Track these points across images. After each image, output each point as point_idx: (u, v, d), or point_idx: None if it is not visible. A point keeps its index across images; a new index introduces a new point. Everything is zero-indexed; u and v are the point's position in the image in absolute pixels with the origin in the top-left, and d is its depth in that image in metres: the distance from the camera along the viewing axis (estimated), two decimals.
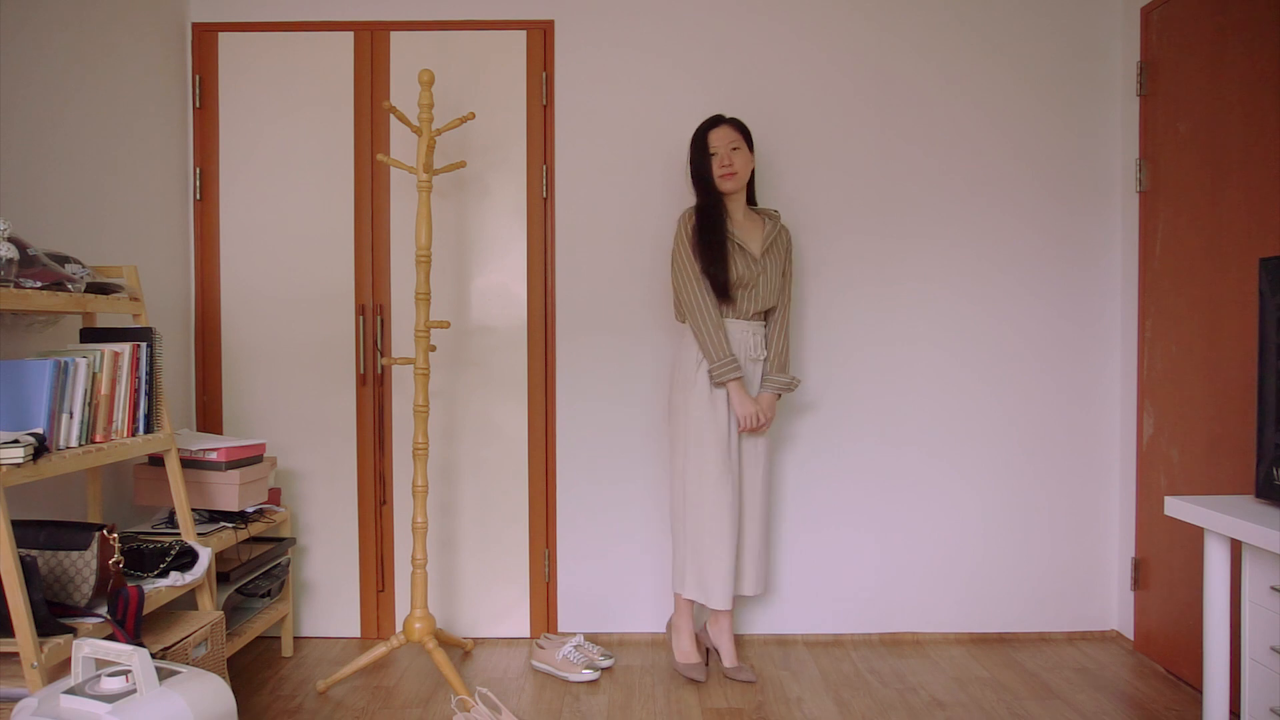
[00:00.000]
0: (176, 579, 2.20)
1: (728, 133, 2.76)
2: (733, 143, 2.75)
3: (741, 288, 2.73)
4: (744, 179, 2.78)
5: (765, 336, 2.82)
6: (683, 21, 3.11)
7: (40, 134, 2.38)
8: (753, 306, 2.76)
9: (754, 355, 2.77)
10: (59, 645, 1.80)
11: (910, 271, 3.13)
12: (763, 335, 2.80)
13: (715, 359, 2.68)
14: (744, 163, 2.76)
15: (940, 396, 3.15)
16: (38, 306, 1.96)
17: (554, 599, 3.16)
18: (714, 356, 2.68)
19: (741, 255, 2.73)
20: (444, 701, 2.62)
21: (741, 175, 2.76)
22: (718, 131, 2.76)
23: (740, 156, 2.75)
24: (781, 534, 3.15)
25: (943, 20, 3.11)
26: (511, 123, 3.11)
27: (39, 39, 2.38)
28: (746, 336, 2.77)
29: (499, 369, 3.13)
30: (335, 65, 3.11)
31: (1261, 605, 1.80)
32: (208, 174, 3.13)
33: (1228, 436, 2.56)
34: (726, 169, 2.73)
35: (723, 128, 2.77)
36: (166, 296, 2.99)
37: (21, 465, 1.79)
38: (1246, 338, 2.47)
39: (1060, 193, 3.14)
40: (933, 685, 2.75)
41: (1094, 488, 3.16)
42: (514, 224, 3.13)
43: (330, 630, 3.16)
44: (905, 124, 3.12)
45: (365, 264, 3.12)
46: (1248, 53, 2.51)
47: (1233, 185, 2.56)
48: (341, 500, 3.14)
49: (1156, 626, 2.93)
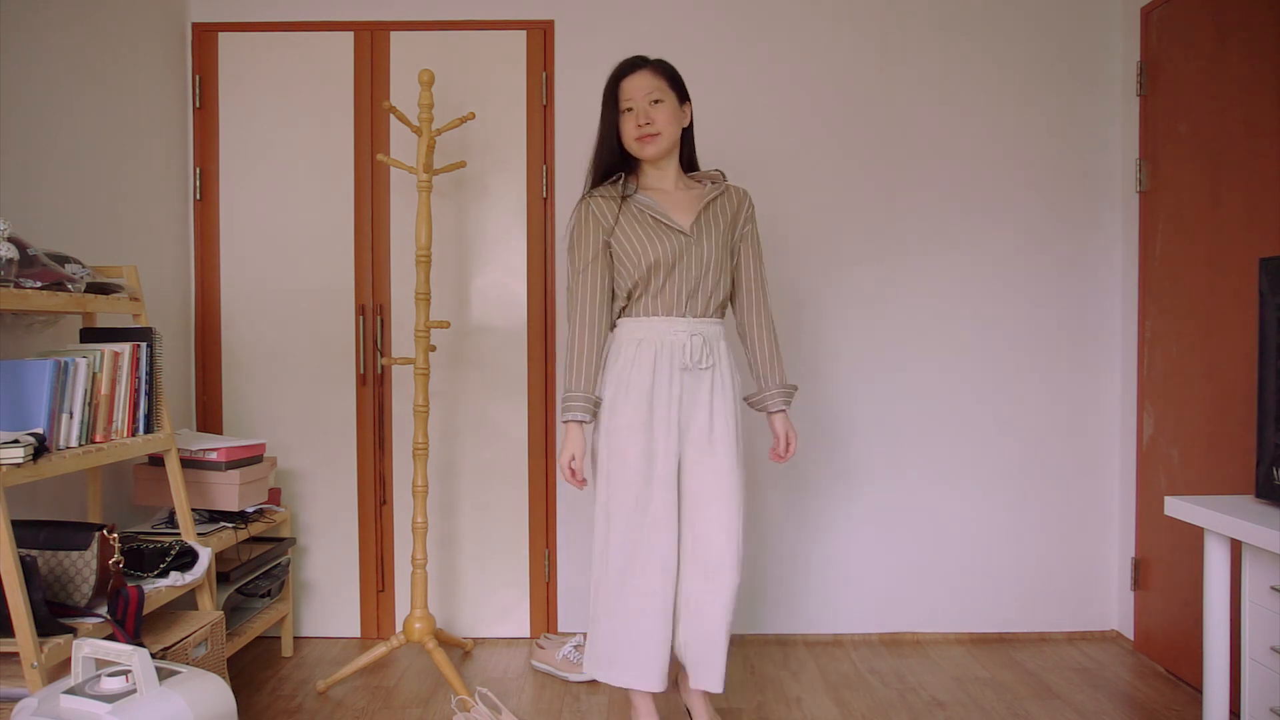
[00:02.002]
0: (176, 579, 2.20)
1: (646, 80, 2.11)
2: (652, 93, 2.10)
3: (667, 270, 2.11)
4: (669, 142, 2.15)
5: (746, 338, 2.28)
6: (683, 22, 3.11)
7: (40, 134, 2.38)
8: (685, 294, 2.13)
9: (689, 363, 2.12)
10: (59, 645, 1.80)
11: (910, 271, 3.13)
12: (707, 336, 2.16)
13: (569, 386, 2.12)
14: (668, 119, 2.12)
15: (939, 396, 3.14)
16: (38, 306, 1.96)
17: (554, 599, 3.16)
18: (569, 383, 2.12)
19: (659, 230, 2.11)
20: (444, 701, 2.62)
21: (666, 136, 2.12)
22: (633, 80, 2.12)
23: (663, 111, 2.11)
24: (781, 534, 3.15)
25: (941, 21, 3.11)
26: (511, 123, 3.11)
27: (39, 39, 2.38)
28: (677, 337, 2.12)
29: (499, 369, 3.13)
30: (335, 65, 3.11)
31: (1261, 605, 1.80)
32: (208, 174, 3.13)
33: (1228, 436, 2.56)
34: (645, 129, 2.10)
35: (640, 74, 2.12)
36: (166, 296, 2.99)
37: (21, 465, 1.79)
38: (1246, 338, 2.47)
39: (1060, 193, 3.14)
40: (933, 685, 2.75)
41: (1094, 487, 3.16)
42: (514, 224, 3.13)
43: (330, 630, 3.16)
44: (903, 126, 3.12)
45: (365, 264, 3.12)
46: (1248, 53, 2.51)
47: (1233, 185, 2.56)
48: (341, 500, 3.14)
49: (1156, 626, 2.93)
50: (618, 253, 2.15)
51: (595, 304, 2.13)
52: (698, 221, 2.15)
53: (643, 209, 2.14)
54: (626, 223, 2.14)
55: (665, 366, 2.12)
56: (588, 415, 2.11)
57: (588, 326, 2.13)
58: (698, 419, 2.15)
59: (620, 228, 2.14)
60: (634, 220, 2.14)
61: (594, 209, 2.15)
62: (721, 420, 2.15)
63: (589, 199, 2.18)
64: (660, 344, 2.13)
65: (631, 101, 2.12)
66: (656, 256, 2.10)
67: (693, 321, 2.15)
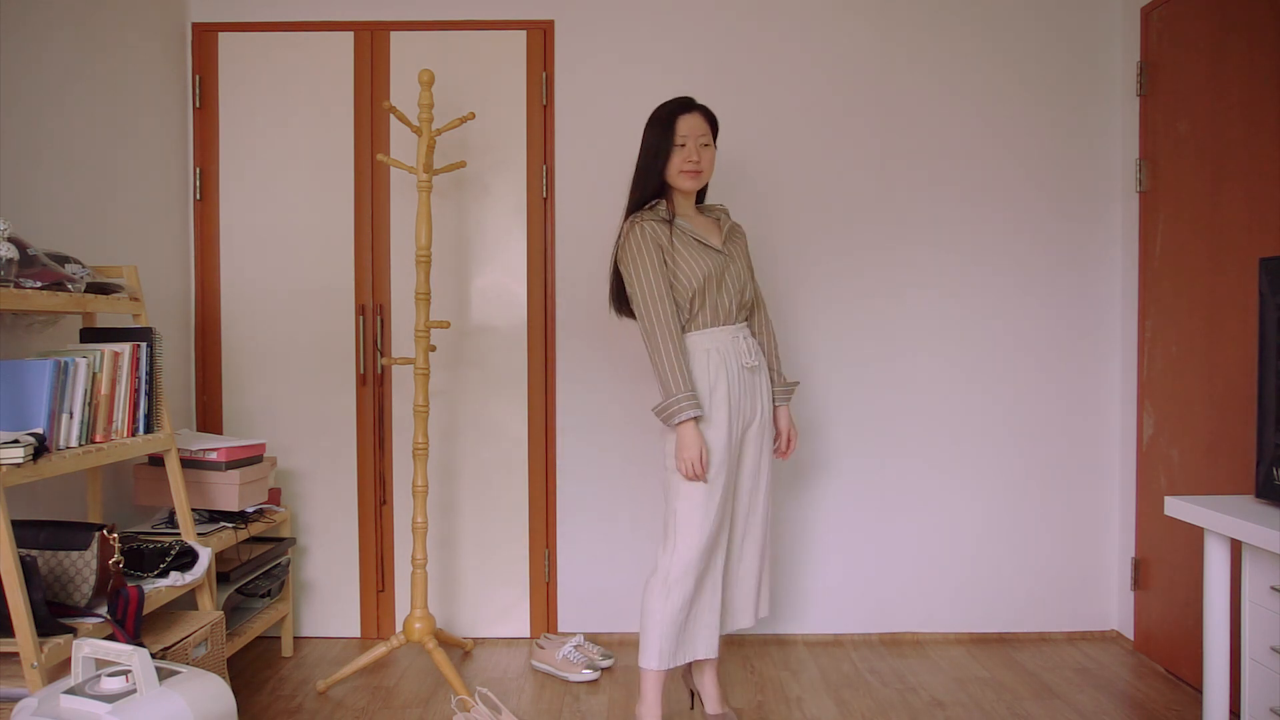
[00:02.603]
0: (176, 579, 2.20)
1: (700, 123, 2.34)
2: (704, 136, 2.34)
3: (716, 284, 2.33)
4: (706, 181, 2.42)
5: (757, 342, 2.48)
6: (683, 21, 3.11)
7: (40, 134, 2.38)
8: (732, 304, 2.37)
9: (749, 362, 2.37)
10: (59, 645, 1.80)
11: (909, 272, 3.13)
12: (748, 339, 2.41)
13: (674, 390, 2.23)
14: (710, 163, 2.37)
15: (940, 396, 3.14)
16: (38, 306, 1.96)
17: (554, 599, 3.16)
18: (674, 387, 2.23)
19: (703, 250, 2.34)
20: (444, 701, 2.62)
21: (706, 175, 2.38)
22: (690, 119, 2.33)
23: (709, 155, 2.36)
24: (781, 534, 3.15)
25: (941, 21, 3.11)
26: (511, 123, 3.11)
27: (39, 39, 2.38)
28: (737, 343, 2.37)
29: (499, 369, 3.13)
30: (335, 65, 3.11)
31: (1261, 605, 1.80)
32: (208, 174, 3.13)
33: (1228, 436, 2.56)
34: (693, 166, 2.32)
35: (696, 115, 2.34)
36: (166, 296, 2.99)
37: (21, 465, 1.79)
38: (1246, 338, 2.47)
39: (1060, 193, 3.14)
40: (933, 685, 2.75)
41: (1094, 488, 3.16)
42: (514, 224, 3.13)
43: (330, 630, 3.16)
44: (903, 125, 3.12)
45: (365, 264, 3.12)
46: (1248, 52, 2.51)
47: (1233, 185, 2.56)
48: (341, 500, 3.14)
49: (1156, 626, 2.93)
50: (674, 270, 2.31)
51: (672, 313, 2.28)
52: (726, 242, 2.41)
53: (684, 232, 2.34)
54: (678, 243, 2.32)
55: (735, 369, 2.34)
56: (700, 409, 2.24)
57: (671, 333, 2.26)
58: (758, 411, 2.40)
59: (674, 248, 2.31)
60: (681, 242, 2.32)
61: (649, 231, 2.31)
62: (769, 413, 2.45)
63: (642, 223, 2.32)
64: (727, 351, 2.34)
65: (686, 139, 2.32)
66: (707, 272, 2.31)
67: (739, 328, 2.40)
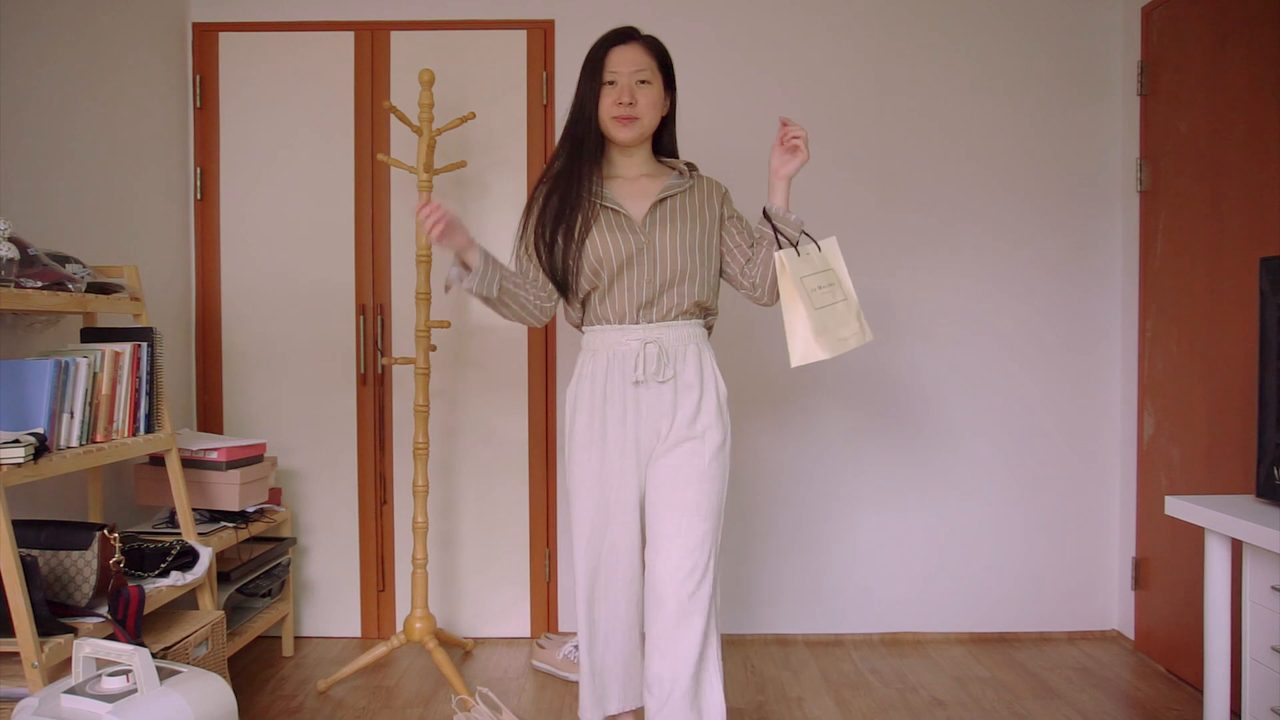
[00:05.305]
0: (177, 579, 2.20)
1: (639, 55, 1.89)
2: (641, 72, 1.88)
3: (618, 271, 1.88)
4: (647, 129, 1.93)
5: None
6: (683, 21, 3.11)
7: (41, 134, 2.38)
8: (641, 296, 1.89)
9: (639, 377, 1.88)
10: (59, 645, 1.80)
11: (908, 272, 3.13)
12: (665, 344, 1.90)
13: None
14: (651, 104, 1.90)
15: (940, 396, 3.14)
16: (38, 306, 1.96)
17: (554, 599, 3.16)
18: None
19: (615, 226, 1.89)
20: (444, 701, 2.62)
21: (645, 122, 1.90)
22: (622, 52, 1.89)
23: (647, 94, 1.88)
24: (780, 534, 3.15)
25: (942, 20, 3.11)
26: (512, 123, 3.11)
27: (40, 40, 2.38)
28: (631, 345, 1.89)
29: (500, 369, 3.13)
30: (335, 65, 3.11)
31: (1262, 605, 1.80)
32: (208, 174, 3.13)
33: (1228, 436, 2.56)
34: (625, 110, 1.86)
35: (631, 46, 1.90)
36: (167, 296, 2.99)
37: (22, 465, 1.79)
38: (1246, 338, 2.47)
39: (1060, 193, 3.13)
40: (933, 685, 2.75)
41: (1094, 487, 3.16)
42: (514, 223, 3.12)
43: (331, 630, 3.16)
44: (903, 124, 3.12)
45: (365, 263, 3.12)
46: (1248, 52, 2.51)
47: (1233, 185, 2.56)
48: (342, 500, 3.14)
49: (1157, 626, 2.93)
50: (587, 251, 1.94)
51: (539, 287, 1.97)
52: (656, 212, 1.92)
53: (603, 201, 1.93)
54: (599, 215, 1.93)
55: (618, 384, 1.91)
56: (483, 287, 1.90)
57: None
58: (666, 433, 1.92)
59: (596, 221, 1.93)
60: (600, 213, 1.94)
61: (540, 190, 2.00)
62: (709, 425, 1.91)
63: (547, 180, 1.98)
64: (612, 358, 1.92)
65: (616, 75, 1.88)
66: (607, 254, 1.89)
67: (647, 329, 1.90)
